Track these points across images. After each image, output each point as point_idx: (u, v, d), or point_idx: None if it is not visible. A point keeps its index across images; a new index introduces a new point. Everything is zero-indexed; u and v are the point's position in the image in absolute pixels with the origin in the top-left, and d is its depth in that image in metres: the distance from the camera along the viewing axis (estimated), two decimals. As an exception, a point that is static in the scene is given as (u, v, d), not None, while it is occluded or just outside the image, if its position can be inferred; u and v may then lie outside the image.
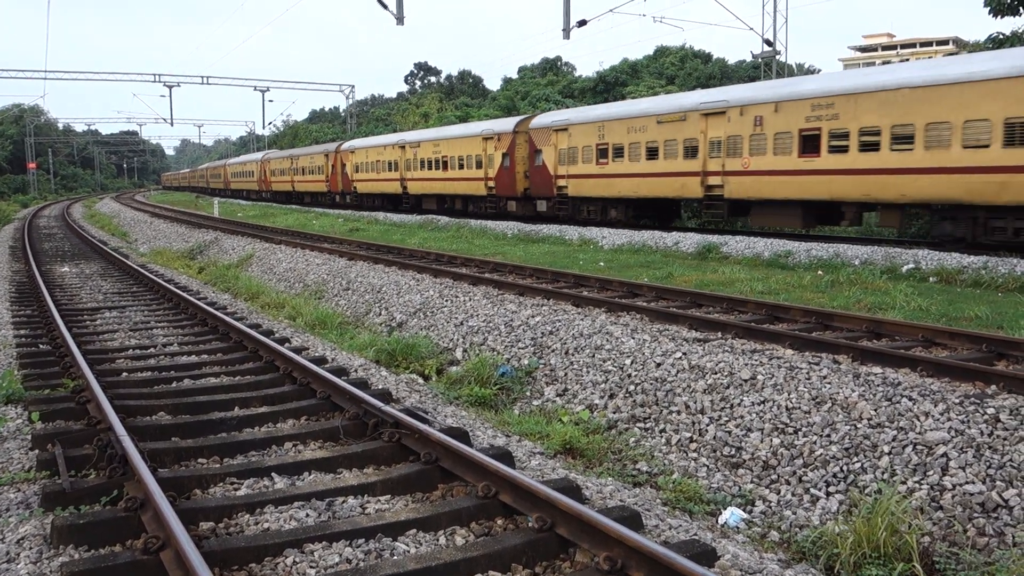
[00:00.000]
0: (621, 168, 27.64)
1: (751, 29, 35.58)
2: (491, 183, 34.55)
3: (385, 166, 44.06)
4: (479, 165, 35.20)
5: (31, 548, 4.94)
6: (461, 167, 36.70)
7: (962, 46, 71.73)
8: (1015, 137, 16.97)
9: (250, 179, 71.73)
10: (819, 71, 79.57)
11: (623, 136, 27.48)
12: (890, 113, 19.20)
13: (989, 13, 24.16)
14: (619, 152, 27.70)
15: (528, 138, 32.38)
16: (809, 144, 21.12)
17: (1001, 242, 17.85)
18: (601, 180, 28.61)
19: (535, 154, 31.77)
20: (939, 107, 18.23)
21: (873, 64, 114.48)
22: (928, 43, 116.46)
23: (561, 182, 30.51)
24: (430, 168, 39.43)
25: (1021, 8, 23.96)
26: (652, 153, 26.33)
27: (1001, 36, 26.82)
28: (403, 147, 42.05)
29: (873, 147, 19.58)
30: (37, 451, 6.71)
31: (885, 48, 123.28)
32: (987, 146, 17.44)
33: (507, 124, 34.41)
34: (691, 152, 24.81)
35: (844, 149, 20.22)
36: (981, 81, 17.60)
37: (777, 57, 35.92)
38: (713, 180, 24.12)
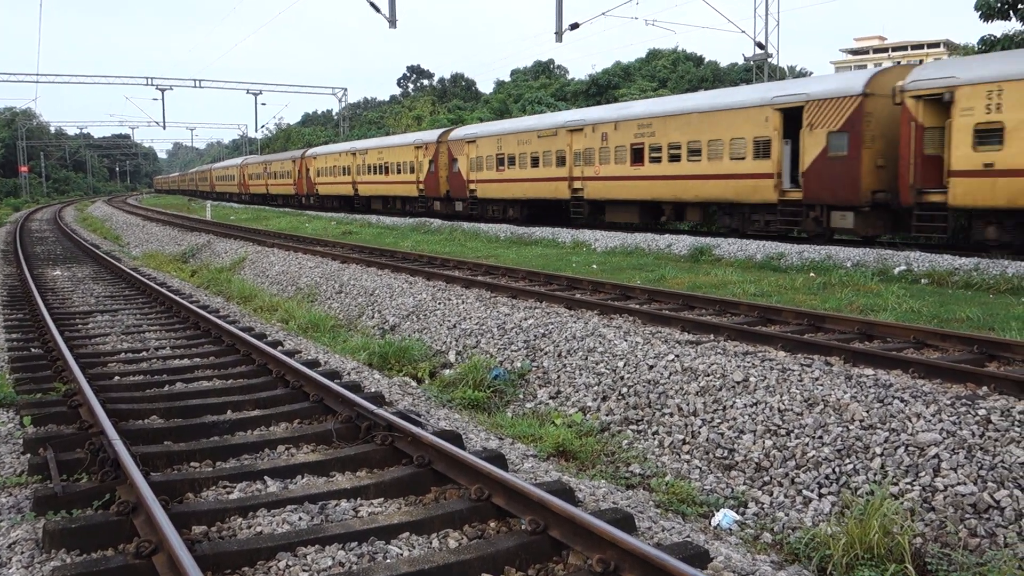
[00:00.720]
0: (514, 174, 33.16)
1: (743, 32, 35.74)
2: (421, 186, 40.14)
3: (341, 171, 49.66)
4: (412, 170, 40.84)
5: (23, 552, 4.93)
6: (399, 172, 42.37)
7: (953, 49, 72.04)
8: (760, 151, 22.32)
9: (232, 183, 76.19)
10: (811, 74, 79.94)
11: (515, 148, 32.96)
12: (687, 132, 24.62)
13: (980, 17, 24.26)
14: (512, 161, 33.17)
15: (448, 148, 37.72)
16: (637, 156, 26.43)
17: (760, 232, 23.19)
18: (501, 184, 33.94)
19: (452, 162, 37.21)
20: (716, 128, 23.65)
21: (865, 67, 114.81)
22: (919, 46, 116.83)
23: (472, 186, 35.81)
24: (375, 172, 45.11)
25: (1012, 12, 24.06)
26: (535, 162, 31.82)
27: (992, 39, 26.94)
28: (354, 154, 47.64)
29: (677, 159, 24.98)
30: (29, 455, 6.70)
31: (876, 51, 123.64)
32: (743, 158, 22.81)
33: (432, 136, 39.92)
34: (561, 161, 30.31)
35: (659, 160, 25.62)
36: (740, 108, 23.03)
37: (769, 60, 36.03)
38: (577, 184, 29.53)
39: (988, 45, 26.73)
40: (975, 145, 17.50)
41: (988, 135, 17.32)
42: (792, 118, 21.62)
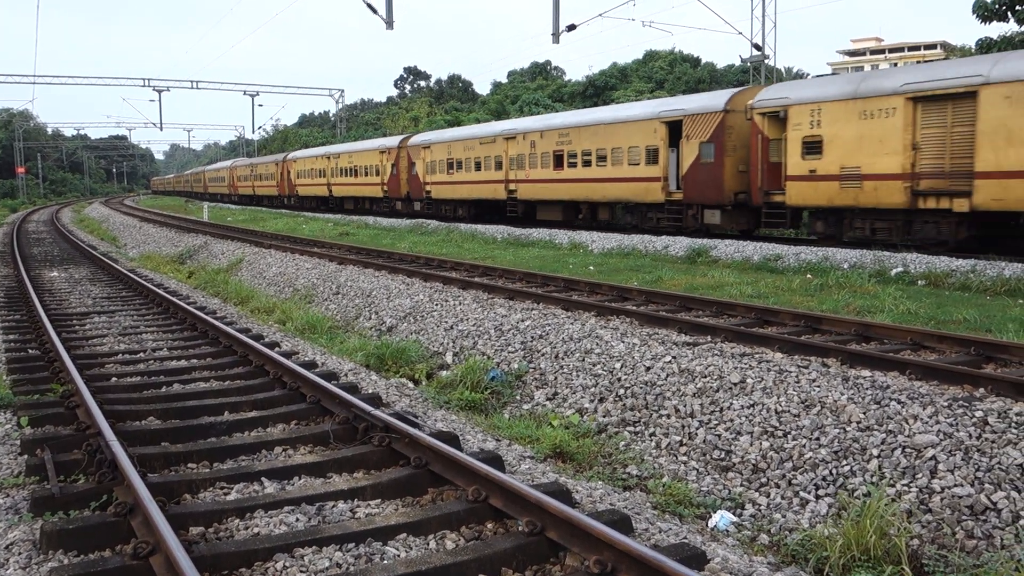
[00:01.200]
0: (461, 177, 37.18)
1: (740, 33, 35.78)
2: (385, 187, 44.89)
3: (317, 173, 54.17)
4: (377, 173, 45.47)
5: (20, 553, 4.93)
6: (366, 174, 47.01)
7: (950, 50, 72.16)
8: (650, 158, 26.07)
9: (222, 184, 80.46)
10: (807, 75, 79.96)
11: (462, 153, 36.95)
12: (596, 141, 28.36)
13: (977, 19, 24.31)
14: (460, 165, 37.19)
15: (407, 153, 42.01)
16: (558, 161, 30.29)
17: (653, 227, 26.71)
18: (451, 186, 38.14)
19: (411, 166, 41.62)
20: (617, 138, 27.44)
21: (861, 68, 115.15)
22: (916, 47, 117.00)
23: (428, 187, 40.14)
24: (347, 175, 49.85)
25: (1009, 14, 24.10)
26: (478, 166, 35.65)
27: (990, 41, 27.00)
28: (329, 158, 52.42)
29: (589, 164, 28.73)
30: (26, 456, 6.69)
31: (873, 52, 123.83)
32: (639, 164, 26.56)
33: (394, 142, 44.69)
34: (498, 165, 34.10)
35: (575, 165, 29.45)
36: (635, 121, 26.91)
37: (766, 61, 36.07)
38: (512, 186, 33.32)
39: (986, 47, 26.79)
40: (803, 155, 21.09)
41: (812, 146, 20.96)
42: (675, 130, 25.33)
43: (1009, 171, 17.00)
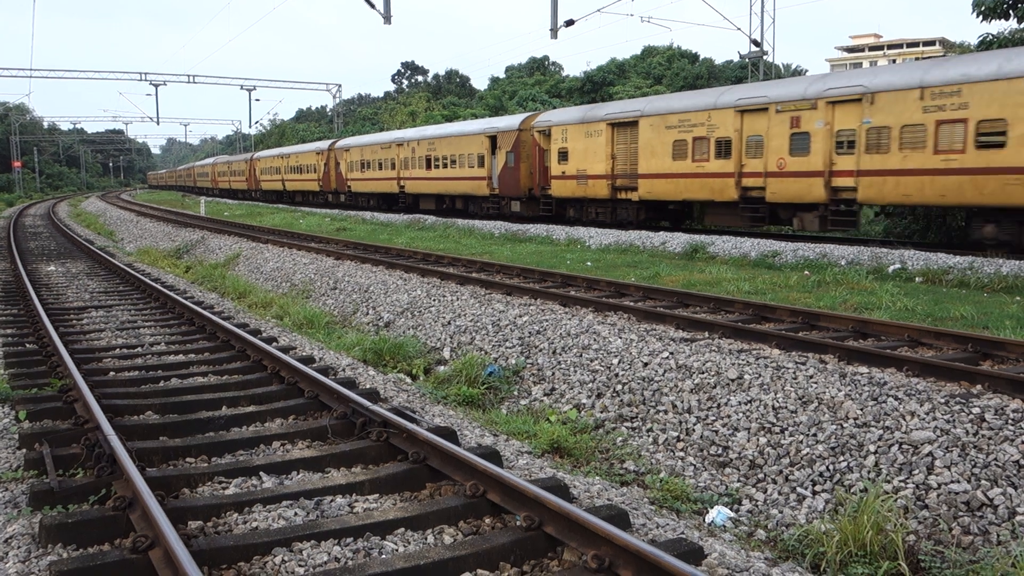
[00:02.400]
0: (370, 175, 45.21)
1: (738, 29, 35.72)
2: (320, 182, 52.52)
3: (275, 170, 62.04)
4: (315, 171, 53.16)
5: (19, 547, 4.93)
6: (310, 172, 54.53)
7: (949, 47, 72.17)
8: (480, 163, 34.12)
9: (206, 179, 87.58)
10: (806, 71, 79.96)
11: (371, 155, 45.04)
12: (450, 149, 36.76)
13: (977, 16, 24.29)
14: (369, 165, 45.36)
15: (335, 155, 49.81)
16: (429, 163, 38.53)
17: (484, 214, 34.46)
18: (364, 182, 46.16)
19: (337, 165, 49.38)
20: (462, 147, 35.82)
21: (860, 65, 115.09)
22: (915, 44, 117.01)
23: (348, 183, 48.17)
24: (295, 172, 57.65)
25: (1011, 12, 24.09)
26: (380, 166, 43.84)
27: (991, 38, 26.98)
28: (283, 157, 60.47)
29: (446, 166, 37.04)
30: (25, 450, 6.70)
31: (872, 49, 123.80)
32: (475, 167, 34.73)
33: (325, 145, 52.08)
34: (392, 166, 42.32)
35: (439, 167, 37.67)
36: (472, 135, 35.10)
37: (764, 57, 36.06)
38: (402, 183, 41.54)
39: (987, 45, 26.78)
40: (558, 161, 29.73)
41: (563, 155, 29.50)
42: (494, 142, 33.48)
43: (653, 173, 25.68)
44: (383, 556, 4.86)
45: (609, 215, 28.10)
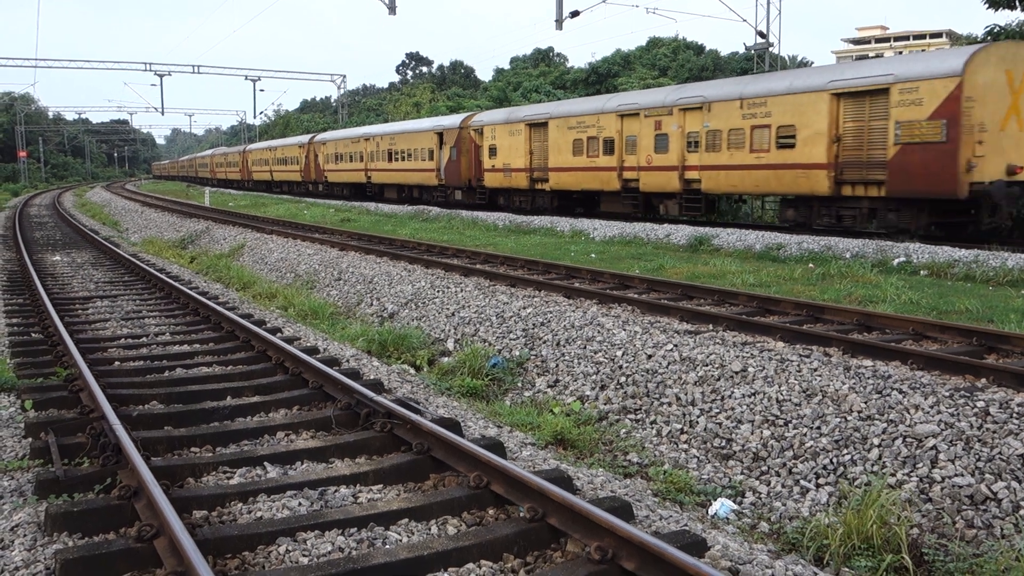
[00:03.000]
0: (343, 166, 49.95)
1: (744, 21, 35.62)
2: (302, 173, 57.13)
3: (264, 162, 66.66)
4: (297, 163, 57.82)
5: (25, 535, 4.96)
6: (293, 163, 59.07)
7: (956, 39, 71.78)
8: (430, 156, 38.61)
9: (206, 169, 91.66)
10: (811, 63, 79.74)
11: (343, 149, 49.80)
12: (406, 143, 41.41)
13: (986, 6, 24.19)
14: (342, 157, 50.13)
15: (314, 148, 54.69)
16: (391, 157, 43.26)
17: (435, 202, 38.56)
18: (339, 172, 50.68)
19: (316, 157, 54.20)
20: (416, 142, 40.29)
21: (866, 56, 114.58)
22: (922, 35, 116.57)
23: (326, 174, 52.93)
24: (280, 164, 61.74)
25: (1017, 2, 23.99)
26: (351, 158, 48.66)
27: (997, 28, 26.90)
28: (271, 150, 65.59)
29: (404, 159, 41.73)
30: (30, 439, 6.73)
31: (878, 40, 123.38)
32: (427, 160, 39.09)
33: (306, 139, 57.77)
34: (361, 158, 47.26)
35: (399, 159, 42.30)
36: (424, 131, 39.66)
37: (770, 49, 35.94)
38: (369, 174, 46.34)
39: (994, 36, 26.69)
40: (490, 156, 34.10)
41: (492, 151, 33.88)
42: (441, 138, 37.80)
43: (560, 167, 29.99)
44: (387, 546, 4.87)
45: (529, 203, 32.69)
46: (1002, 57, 18.56)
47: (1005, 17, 25.04)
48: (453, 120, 37.93)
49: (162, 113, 73.69)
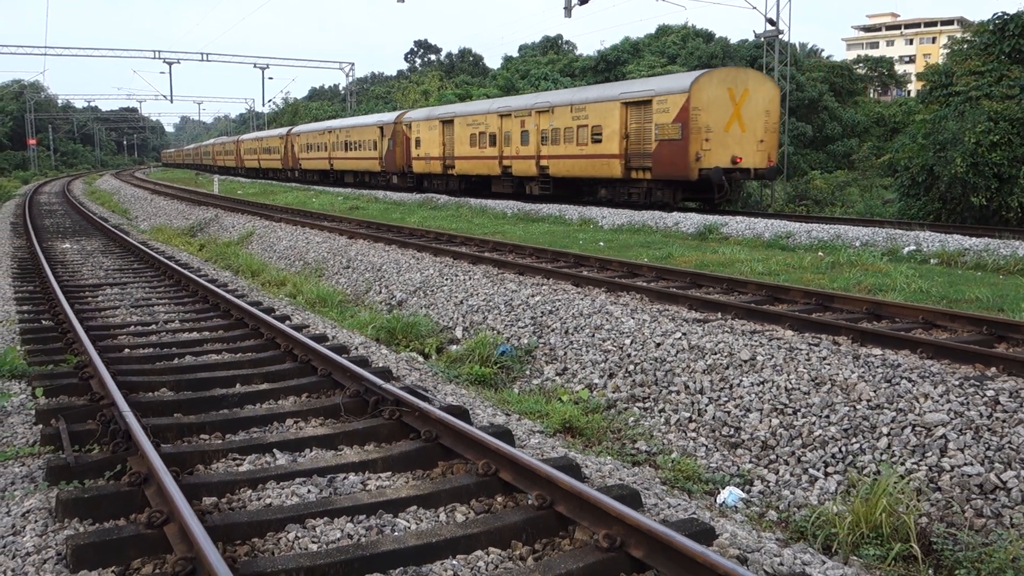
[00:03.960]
0: (313, 155, 56.08)
1: (754, 8, 35.38)
2: (281, 161, 63.86)
3: (253, 151, 72.56)
4: (278, 152, 64.37)
5: (36, 521, 4.99)
6: (273, 152, 65.89)
7: (967, 26, 71.34)
8: (375, 147, 45.19)
9: (208, 157, 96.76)
10: (822, 51, 79.41)
11: (314, 140, 55.85)
12: (350, 136, 48.29)
13: None
14: (313, 147, 55.93)
15: (292, 139, 60.91)
16: (347, 147, 49.14)
17: (377, 185, 45.27)
18: (310, 160, 56.89)
19: (293, 147, 60.51)
20: (361, 135, 47.14)
21: (877, 44, 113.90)
22: (933, 23, 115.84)
23: (300, 161, 58.90)
24: (265, 152, 68.60)
25: None
26: (319, 148, 54.72)
27: (1006, 16, 26.73)
28: (259, 140, 71.27)
29: (355, 149, 47.95)
30: (41, 426, 6.76)
31: (889, 28, 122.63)
32: (372, 149, 45.57)
33: (284, 131, 64.18)
34: (325, 148, 53.48)
35: (352, 149, 48.51)
36: (369, 126, 46.06)
37: (780, 36, 35.75)
38: (332, 162, 52.08)
39: (1002, 23, 26.54)
40: (415, 147, 40.60)
41: (418, 143, 40.36)
42: (382, 131, 44.01)
43: (461, 156, 36.47)
44: (395, 533, 4.89)
45: (443, 185, 39.05)
46: (723, 79, 25.28)
47: (1016, 4, 24.95)
48: (390, 117, 44.53)
49: (171, 101, 73.58)
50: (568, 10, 35.88)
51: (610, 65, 69.30)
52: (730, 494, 6.94)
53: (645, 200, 26.66)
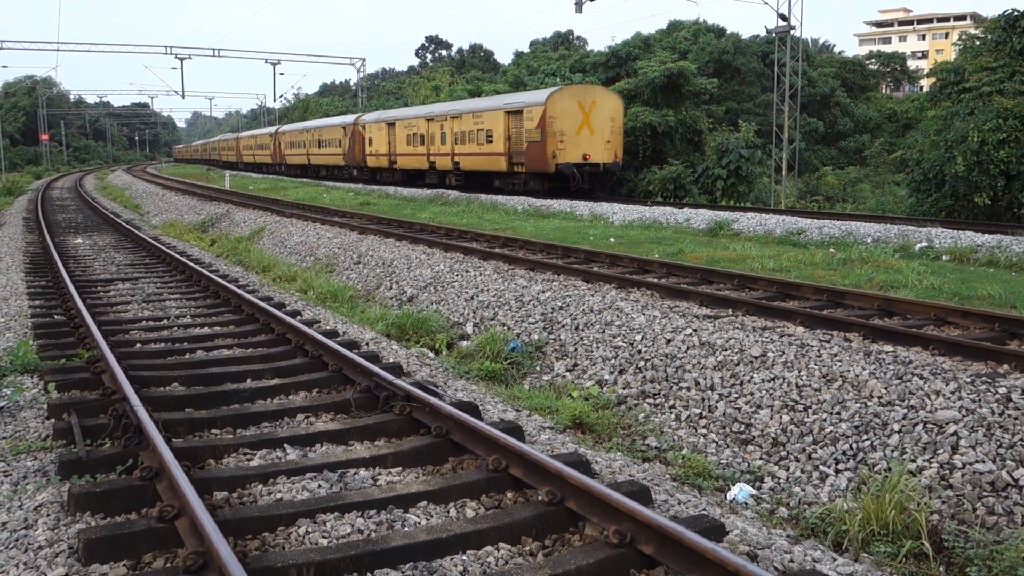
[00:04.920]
0: (296, 151, 61.52)
1: (766, 3, 35.22)
2: (270, 156, 69.35)
3: (250, 148, 78.04)
4: (269, 148, 69.81)
5: (48, 515, 5.02)
6: (265, 148, 71.28)
7: (980, 22, 70.90)
8: (339, 144, 51.52)
9: (215, 153, 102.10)
10: (834, 47, 79.00)
11: (298, 137, 60.90)
12: (321, 136, 54.81)
13: None
14: (295, 144, 61.69)
15: (279, 137, 66.33)
16: (311, 144, 57.06)
17: (341, 178, 52.83)
18: (294, 156, 62.15)
19: (280, 144, 66.00)
20: (330, 133, 53.33)
21: (889, 40, 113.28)
22: (945, 18, 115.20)
23: (285, 157, 64.30)
24: (260, 149, 73.72)
25: None
26: (296, 145, 62.63)
27: (1016, 12, 26.58)
28: (255, 137, 76.99)
29: (321, 146, 54.92)
30: (53, 420, 6.79)
31: (901, 23, 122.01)
32: (338, 146, 51.64)
33: (272, 129, 70.54)
34: (304, 145, 59.68)
35: (315, 146, 55.64)
36: (336, 126, 53.17)
37: (792, 32, 35.59)
38: (310, 157, 57.93)
39: (1012, 20, 26.42)
40: (369, 144, 46.44)
41: (370, 142, 46.08)
42: (345, 131, 49.72)
43: (402, 153, 42.37)
44: (406, 528, 4.90)
45: (391, 177, 45.33)
46: (574, 93, 31.84)
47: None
48: (351, 118, 50.90)
49: (183, 96, 74.00)
50: (579, 5, 35.84)
51: (621, 61, 69.07)
52: (740, 491, 6.93)
53: (523, 188, 33.39)
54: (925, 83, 71.09)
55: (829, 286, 11.70)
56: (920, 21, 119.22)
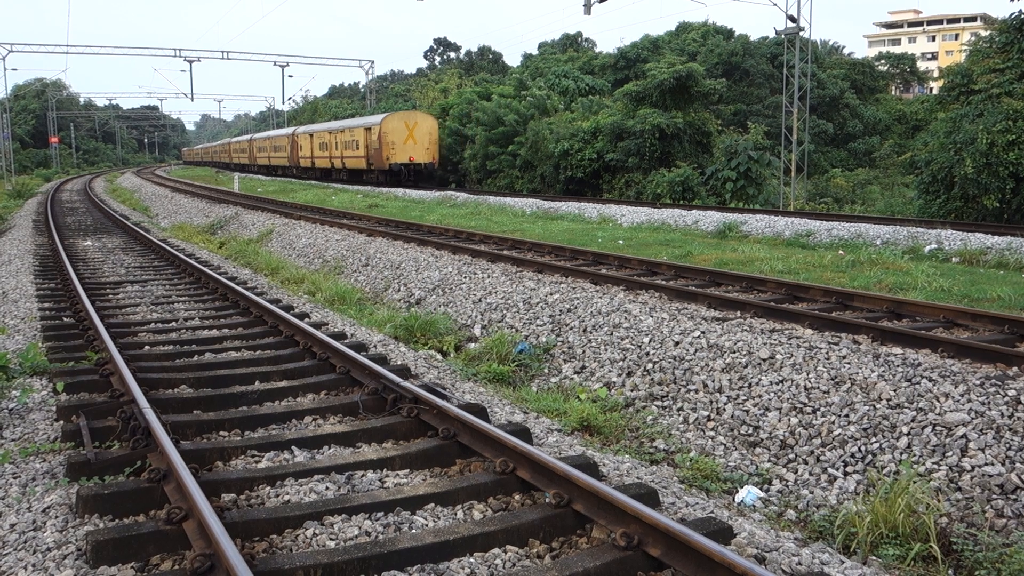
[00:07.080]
0: (241, 155, 79.67)
1: (775, 5, 35.15)
2: (248, 158, 79.16)
3: (239, 152, 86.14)
4: (245, 152, 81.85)
5: (57, 517, 5.03)
6: (269, 150, 76.12)
7: (990, 23, 70.65)
8: (287, 149, 65.66)
9: (219, 156, 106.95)
10: (844, 48, 78.89)
11: (243, 146, 79.43)
12: (273, 145, 70.08)
13: None
14: (275, 148, 70.40)
15: (253, 142, 77.02)
16: (274, 150, 69.22)
17: (292, 175, 64.75)
18: (238, 156, 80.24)
19: (291, 146, 69.99)
20: (278, 142, 68.40)
21: (899, 41, 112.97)
22: (955, 20, 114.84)
23: (234, 158, 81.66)
24: (259, 151, 78.88)
25: None
26: (277, 148, 71.02)
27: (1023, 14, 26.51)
28: (251, 140, 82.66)
29: (277, 151, 68.19)
30: (62, 422, 6.81)
31: (911, 24, 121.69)
32: (284, 153, 66.28)
33: (247, 137, 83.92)
34: (265, 150, 72.26)
35: (276, 151, 68.62)
36: (282, 135, 68.61)
37: (801, 34, 35.52)
38: (271, 159, 71.28)
39: (1020, 23, 26.36)
40: (299, 150, 60.79)
41: (302, 147, 60.29)
42: (290, 138, 62.89)
43: (316, 156, 57.17)
44: (413, 531, 4.90)
45: (314, 175, 57.79)
46: (402, 117, 46.87)
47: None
48: (290, 130, 65.16)
49: (192, 99, 74.42)
50: (588, 7, 35.85)
51: (630, 63, 69.07)
52: (748, 493, 6.91)
53: (376, 181, 47.21)
54: (935, 85, 70.89)
55: (838, 288, 11.67)
56: (930, 22, 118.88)
